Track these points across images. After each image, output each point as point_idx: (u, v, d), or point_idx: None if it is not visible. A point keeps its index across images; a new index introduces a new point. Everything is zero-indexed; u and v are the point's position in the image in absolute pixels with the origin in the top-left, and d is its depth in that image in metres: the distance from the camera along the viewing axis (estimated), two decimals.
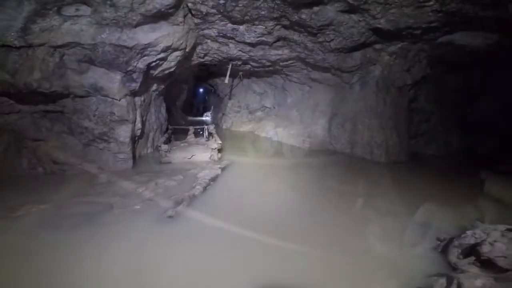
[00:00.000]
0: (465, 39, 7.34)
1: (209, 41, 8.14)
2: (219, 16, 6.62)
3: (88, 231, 3.66)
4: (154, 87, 7.39)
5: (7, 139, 5.43)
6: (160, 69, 6.60)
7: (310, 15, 6.47)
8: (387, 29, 6.80)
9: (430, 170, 8.54)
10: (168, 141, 7.39)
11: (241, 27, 7.20)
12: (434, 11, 5.99)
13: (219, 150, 7.60)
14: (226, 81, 9.74)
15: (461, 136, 11.10)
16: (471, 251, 3.17)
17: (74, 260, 3.07)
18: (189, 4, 6.03)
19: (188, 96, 17.20)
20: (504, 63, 8.36)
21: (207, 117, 16.85)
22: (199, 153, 7.31)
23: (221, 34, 7.60)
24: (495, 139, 10.24)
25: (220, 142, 7.66)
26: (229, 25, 7.09)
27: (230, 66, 9.56)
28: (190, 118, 15.59)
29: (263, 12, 6.42)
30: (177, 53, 6.72)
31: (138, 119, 6.25)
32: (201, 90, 20.15)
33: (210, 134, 9.16)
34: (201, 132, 8.88)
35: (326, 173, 7.27)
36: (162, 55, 6.12)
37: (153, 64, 6.11)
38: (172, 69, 7.05)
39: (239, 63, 9.75)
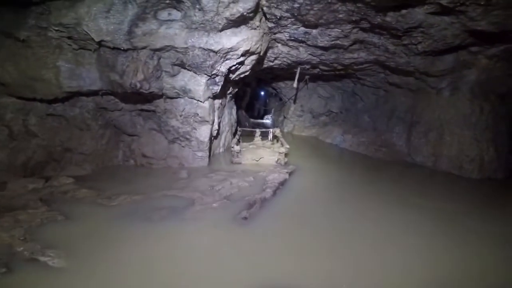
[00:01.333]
0: None
1: (279, 45, 8.15)
2: (292, 20, 6.54)
3: (174, 225, 3.88)
4: (230, 90, 7.73)
5: (109, 133, 6.30)
6: (237, 72, 6.85)
7: (396, 17, 5.91)
8: (489, 31, 5.80)
9: None
10: (238, 143, 7.64)
11: (314, 31, 7.00)
12: None
13: (286, 155, 7.55)
14: (295, 85, 9.63)
15: None
16: None
17: (158, 253, 3.27)
18: (264, 8, 6.11)
19: (250, 98, 17.65)
20: None
21: (267, 120, 17.05)
22: (266, 156, 7.37)
23: (292, 38, 7.51)
24: None
25: (288, 146, 7.59)
26: (302, 28, 6.94)
27: (298, 70, 9.44)
28: (252, 120, 15.97)
29: (340, 16, 6.10)
30: (253, 57, 6.88)
31: (216, 120, 6.60)
32: (262, 93, 20.50)
33: (275, 137, 9.18)
34: (261, 136, 8.86)
35: (405, 186, 6.57)
36: (241, 59, 6.33)
37: (233, 68, 6.37)
38: (247, 73, 7.26)
39: (308, 67, 9.55)
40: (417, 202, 5.41)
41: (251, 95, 17.80)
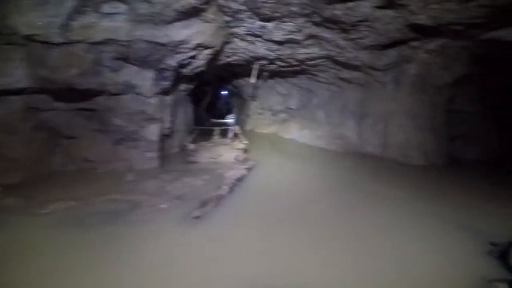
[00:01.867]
0: None
1: (237, 39, 8.05)
2: (249, 13, 6.51)
3: (115, 230, 3.62)
4: (183, 86, 7.41)
5: (43, 136, 5.61)
6: (190, 67, 6.59)
7: (344, 11, 6.14)
8: (428, 26, 6.32)
9: (471, 173, 7.99)
10: (194, 141, 7.37)
11: (270, 25, 7.02)
12: (482, 6, 5.43)
13: (245, 151, 7.46)
14: (253, 80, 9.60)
15: (503, 140, 10.21)
16: None
17: (97, 260, 3.00)
18: (220, 1, 5.98)
19: (212, 98, 17.33)
20: None
21: (230, 119, 16.87)
22: (225, 153, 7.21)
23: (249, 32, 7.47)
24: None
25: (246, 142, 7.52)
26: (258, 22, 6.92)
27: (256, 66, 9.42)
28: (214, 120, 15.69)
29: (294, 9, 6.20)
30: (208, 51, 6.70)
31: (167, 118, 6.27)
32: (224, 92, 20.28)
33: (235, 134, 9.06)
34: (222, 135, 8.74)
35: (357, 175, 6.88)
36: (193, 52, 6.11)
37: (185, 62, 6.12)
38: (201, 68, 7.04)
39: (265, 62, 9.60)
40: (370, 189, 5.70)
41: (213, 95, 17.49)
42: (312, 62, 9.09)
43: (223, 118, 17.32)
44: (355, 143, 9.08)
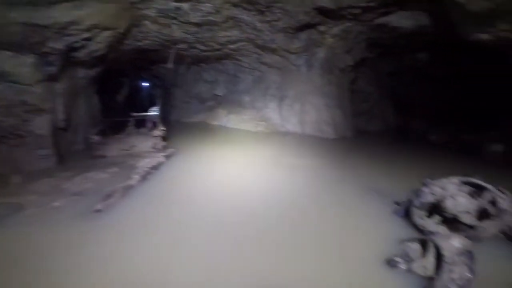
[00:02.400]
0: (398, 20, 7.76)
1: (148, 22, 7.41)
2: None
3: None
4: (82, 73, 6.52)
5: None
6: (86, 51, 5.83)
7: None
8: (330, 8, 6.90)
9: (374, 143, 9.30)
10: (102, 133, 6.64)
11: (185, 5, 6.66)
12: None
13: (164, 138, 7.10)
14: (170, 65, 9.09)
15: (396, 114, 12.16)
16: (434, 209, 3.06)
17: None
18: None
19: (132, 91, 16.03)
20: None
21: (153, 112, 15.84)
22: (140, 143, 6.71)
23: (162, 14, 6.95)
24: (423, 116, 11.46)
25: (163, 128, 7.16)
26: (172, 3, 6.51)
27: (174, 50, 8.93)
28: (135, 114, 14.46)
29: None
30: (107, 33, 6.01)
31: (60, 109, 5.43)
32: (145, 84, 18.96)
33: (154, 124, 8.54)
34: (139, 126, 8.12)
35: (279, 151, 7.31)
36: (87, 34, 5.42)
37: (77, 45, 5.40)
38: (102, 52, 6.31)
39: (185, 46, 9.17)
40: (289, 162, 6.13)
41: (132, 87, 16.17)
42: (234, 46, 9.09)
43: (145, 111, 16.15)
44: (277, 123, 9.66)
